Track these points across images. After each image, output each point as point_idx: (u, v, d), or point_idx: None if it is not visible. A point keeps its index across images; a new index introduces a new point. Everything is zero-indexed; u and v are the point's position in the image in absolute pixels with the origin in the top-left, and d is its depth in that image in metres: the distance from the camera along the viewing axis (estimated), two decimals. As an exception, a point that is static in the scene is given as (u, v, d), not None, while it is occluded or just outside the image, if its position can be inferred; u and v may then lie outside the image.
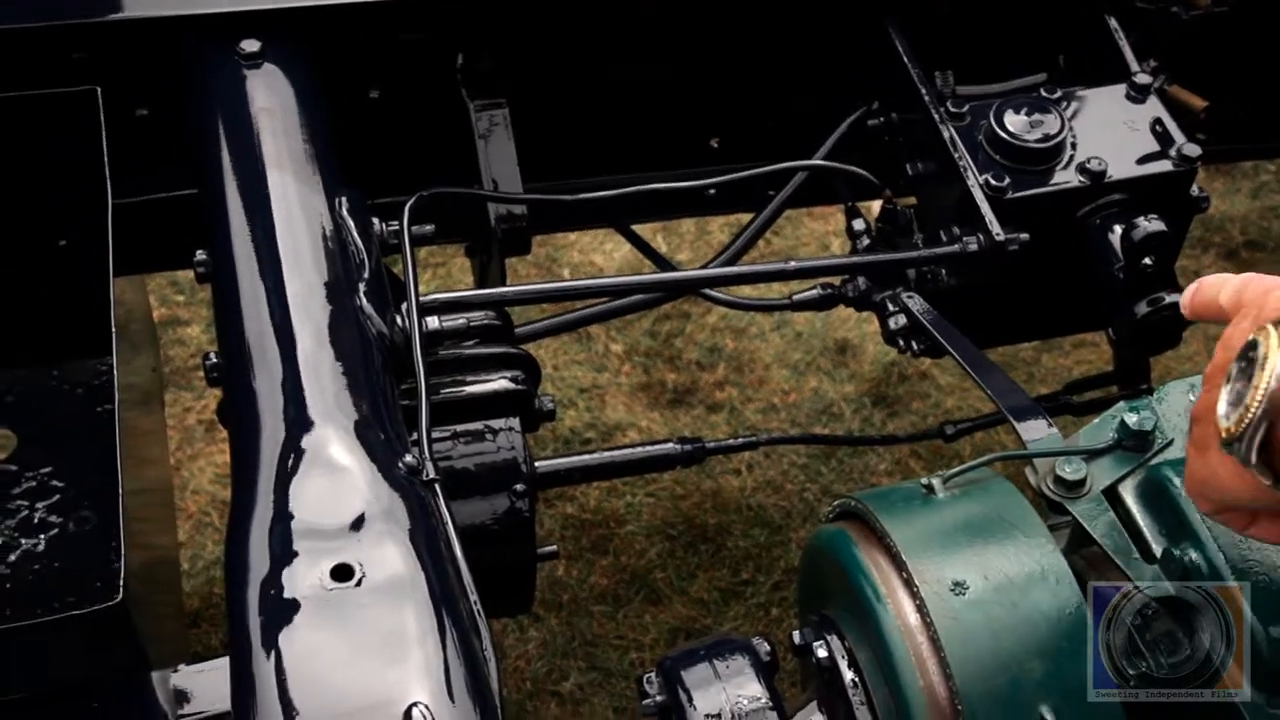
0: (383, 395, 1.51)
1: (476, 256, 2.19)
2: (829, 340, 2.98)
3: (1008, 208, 1.80)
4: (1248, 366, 0.97)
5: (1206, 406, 1.05)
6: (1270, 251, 3.14)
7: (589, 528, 2.66)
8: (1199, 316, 1.16)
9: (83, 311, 1.90)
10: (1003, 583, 1.35)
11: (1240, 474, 1.00)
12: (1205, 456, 1.06)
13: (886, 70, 1.97)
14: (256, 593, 1.30)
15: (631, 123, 2.13)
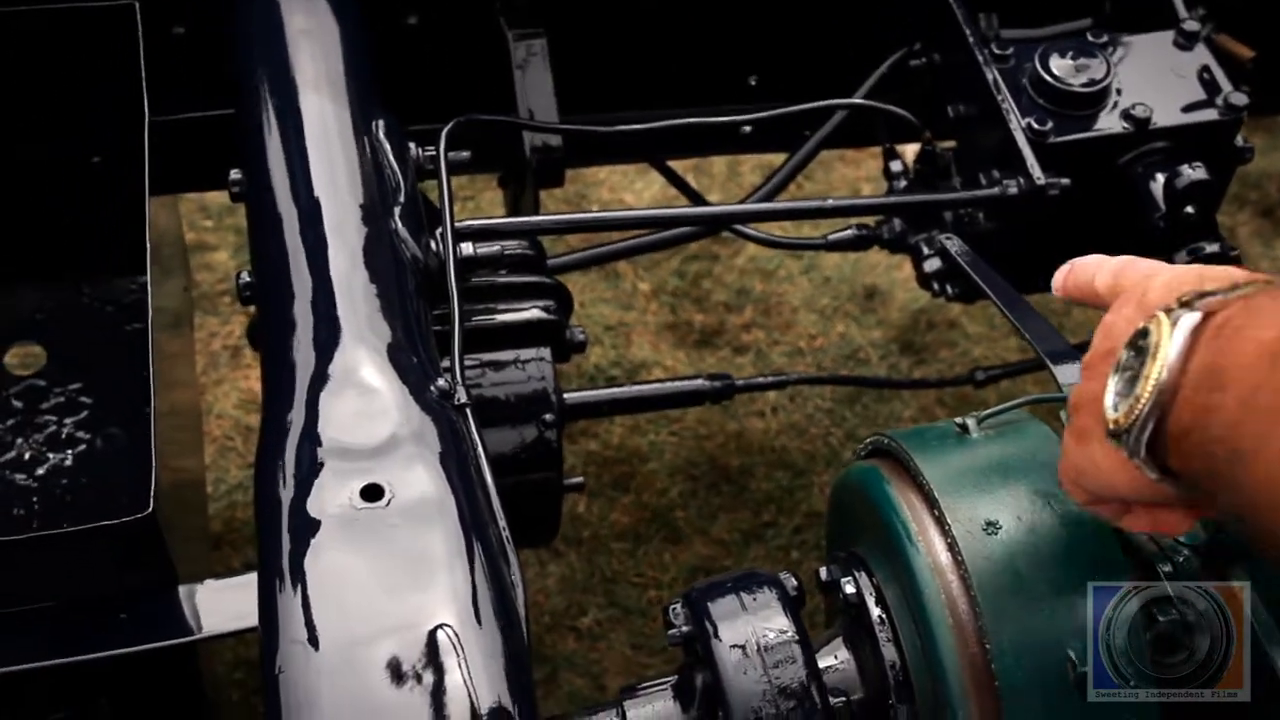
0: (415, 319, 1.51)
1: (509, 187, 2.18)
2: (858, 285, 2.96)
3: (1050, 152, 1.78)
4: (1137, 355, 0.92)
5: (1088, 395, 1.00)
6: (1306, 211, 3.12)
7: (611, 464, 2.66)
8: (1072, 298, 1.13)
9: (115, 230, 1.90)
10: (1036, 524, 1.34)
11: (1123, 466, 0.94)
12: (1086, 447, 1.00)
13: (931, 11, 1.94)
14: (285, 511, 1.30)
15: (669, 58, 2.11)
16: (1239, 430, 0.81)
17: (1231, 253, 1.82)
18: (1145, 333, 0.92)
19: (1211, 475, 0.85)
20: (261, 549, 1.31)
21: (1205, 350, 0.86)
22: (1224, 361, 0.84)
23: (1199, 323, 0.87)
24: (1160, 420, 0.89)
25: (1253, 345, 0.83)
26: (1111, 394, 0.94)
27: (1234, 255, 1.82)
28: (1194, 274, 0.97)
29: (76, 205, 1.91)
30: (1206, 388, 0.85)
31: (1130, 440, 0.91)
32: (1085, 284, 1.10)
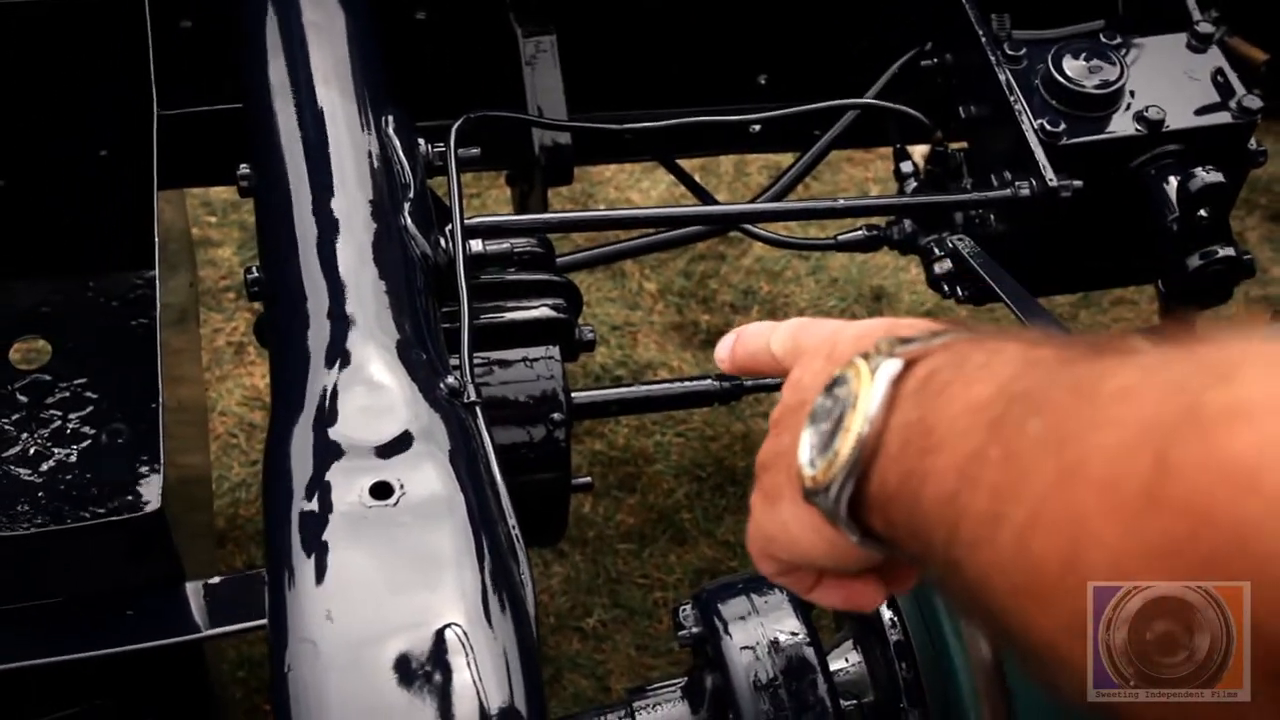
0: (424, 316, 1.50)
1: (517, 185, 2.17)
2: (864, 287, 2.96)
3: (1062, 154, 1.77)
4: (834, 406, 0.80)
5: (774, 452, 0.87)
6: (1314, 216, 3.11)
7: (617, 465, 2.65)
8: (743, 370, 1.00)
9: (121, 224, 1.89)
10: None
11: (818, 529, 0.82)
12: (775, 509, 0.86)
13: (942, 11, 1.94)
14: (294, 508, 1.29)
15: (678, 56, 2.10)
16: (958, 507, 0.70)
17: (1244, 256, 1.81)
18: (842, 379, 0.80)
19: (925, 547, 0.74)
20: (270, 546, 1.30)
21: (910, 405, 0.75)
22: (933, 419, 0.73)
23: (900, 371, 0.77)
24: (863, 478, 0.78)
25: (962, 404, 0.72)
26: (807, 448, 0.81)
27: (1247, 259, 1.81)
28: (884, 324, 0.85)
29: (83, 199, 1.90)
30: (916, 449, 0.74)
31: (829, 500, 0.79)
32: (758, 351, 0.96)
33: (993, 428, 0.68)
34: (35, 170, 1.85)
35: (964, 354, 0.75)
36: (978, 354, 0.74)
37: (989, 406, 0.70)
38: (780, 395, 0.89)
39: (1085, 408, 0.64)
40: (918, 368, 0.76)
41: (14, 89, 1.76)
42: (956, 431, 0.71)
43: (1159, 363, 0.64)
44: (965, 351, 0.75)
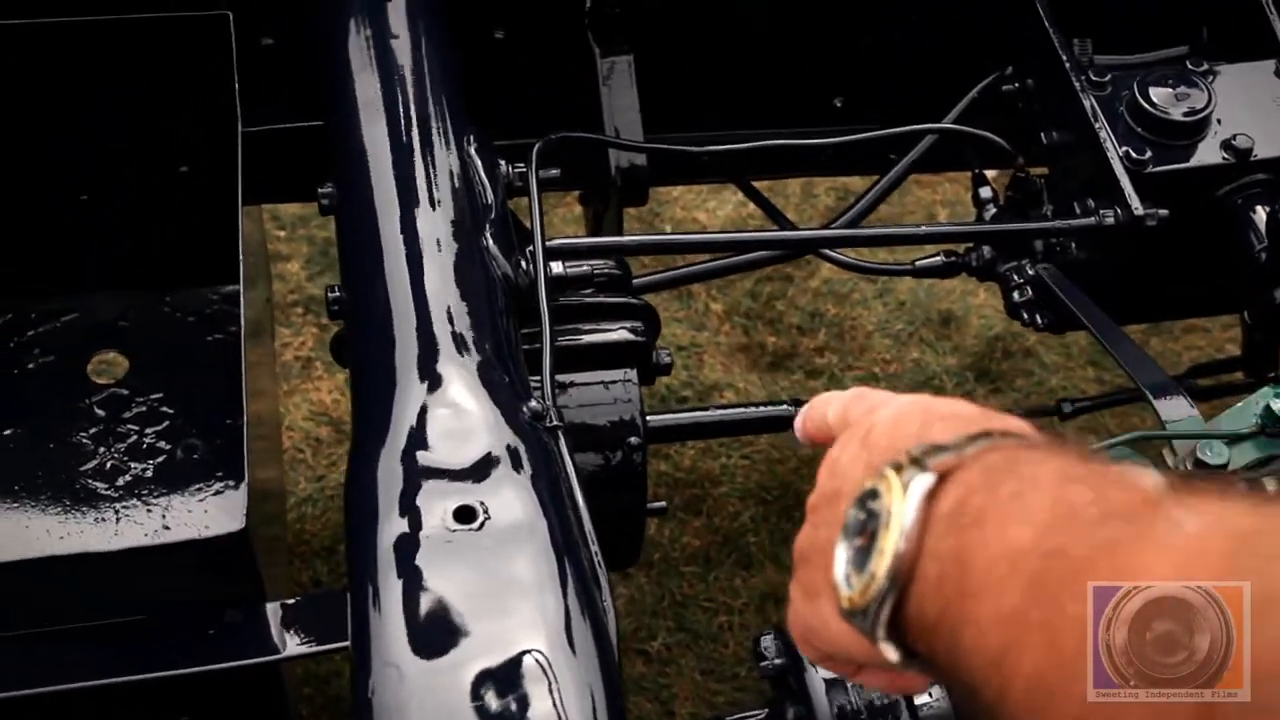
0: (506, 338, 1.49)
1: (590, 205, 2.16)
2: (932, 311, 2.93)
3: (1147, 182, 1.75)
4: (868, 521, 0.78)
5: (812, 545, 0.86)
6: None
7: (682, 487, 2.64)
8: (814, 441, 0.98)
9: (201, 239, 1.90)
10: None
11: (859, 637, 0.80)
12: (814, 604, 0.85)
13: (1025, 36, 1.92)
14: (378, 530, 1.29)
15: (755, 77, 2.09)
16: (1004, 673, 0.70)
17: (1334, 291, 1.78)
18: (874, 493, 0.78)
19: (972, 693, 0.72)
20: (353, 568, 1.30)
21: (944, 529, 0.74)
22: (968, 556, 0.72)
23: (933, 487, 0.75)
24: (901, 599, 0.76)
25: (998, 548, 0.71)
26: (842, 565, 0.80)
27: (1336, 294, 1.78)
28: (919, 411, 0.84)
29: (162, 214, 1.91)
30: (954, 587, 0.72)
31: (867, 623, 0.78)
32: (820, 421, 0.96)
33: (1031, 588, 0.69)
34: (118, 183, 1.86)
35: (998, 476, 0.74)
36: (1010, 480, 0.73)
37: (1026, 557, 0.69)
38: None
39: None
40: (950, 485, 0.75)
41: (99, 105, 1.77)
42: (994, 579, 0.70)
43: (1194, 545, 0.68)
44: (999, 472, 0.74)
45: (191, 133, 1.79)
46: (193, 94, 1.75)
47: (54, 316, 1.94)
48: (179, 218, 1.90)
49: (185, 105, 1.77)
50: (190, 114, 1.77)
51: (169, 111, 1.79)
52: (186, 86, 1.75)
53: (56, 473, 1.79)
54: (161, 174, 1.86)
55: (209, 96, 1.69)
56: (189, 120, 1.78)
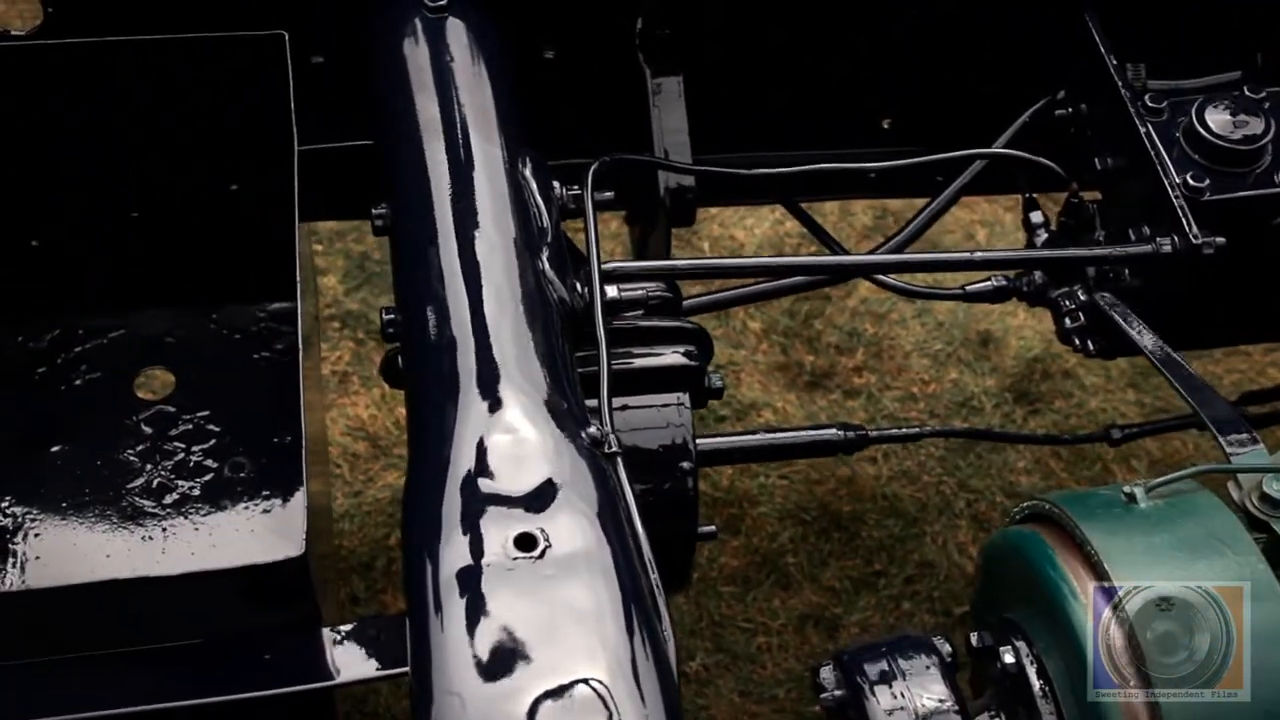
0: (564, 362, 1.48)
1: (637, 225, 2.15)
2: (970, 331, 2.92)
3: (1204, 210, 1.74)
4: None
5: None
6: None
7: (721, 507, 2.63)
8: None
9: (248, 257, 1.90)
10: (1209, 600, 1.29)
11: None
12: None
13: (1079, 60, 1.91)
14: (438, 557, 1.28)
15: (804, 99, 2.08)
16: None
17: (1391, 320, 1.77)
18: None
19: None
20: (411, 595, 1.29)
21: None
22: None
23: None
24: None
25: None
26: None
27: (1393, 322, 1.77)
28: None
29: (212, 232, 1.90)
30: None
31: None
32: None
33: None
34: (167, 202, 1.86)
35: None
36: None
37: None
38: None
39: None
40: None
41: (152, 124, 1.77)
42: None
43: None
44: None
45: (245, 151, 1.79)
46: (247, 113, 1.74)
47: (101, 333, 1.94)
48: (228, 235, 1.90)
49: (239, 124, 1.77)
50: (244, 133, 1.77)
51: (222, 130, 1.79)
52: (241, 105, 1.74)
53: (104, 490, 1.79)
54: (212, 192, 1.85)
55: (263, 115, 1.68)
56: (242, 139, 1.78)
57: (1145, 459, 2.71)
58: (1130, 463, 2.70)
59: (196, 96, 1.75)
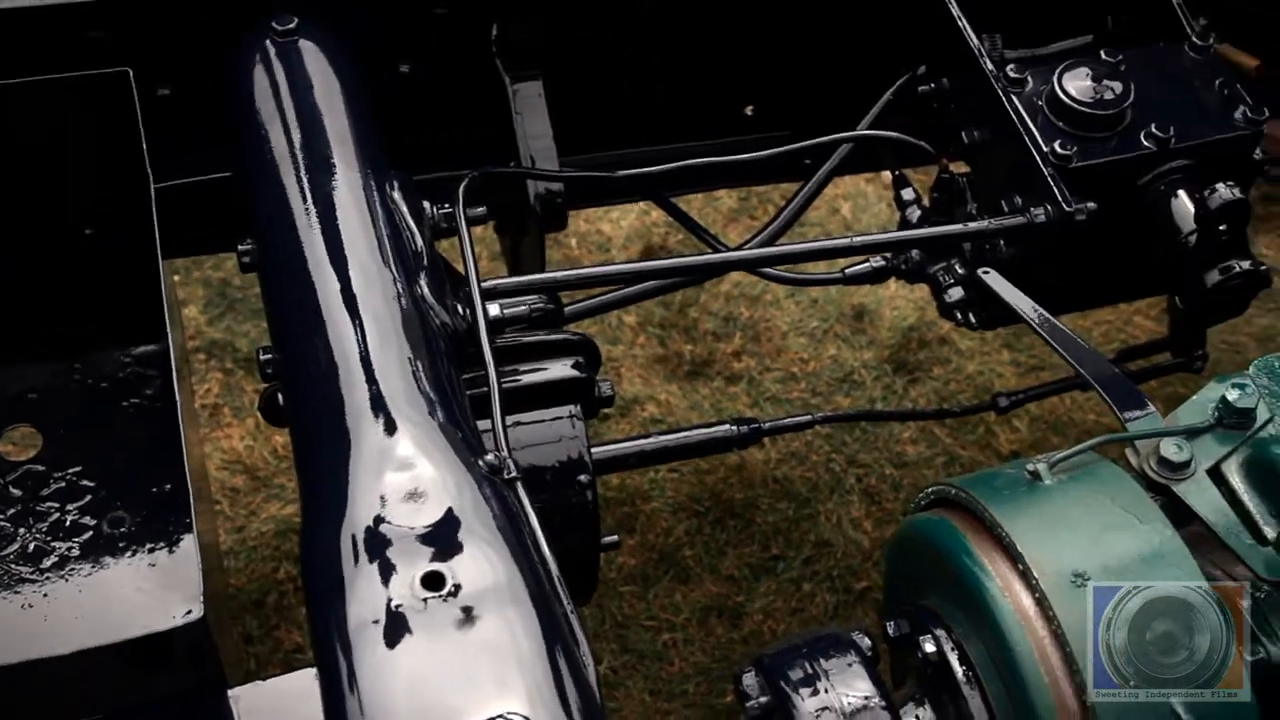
0: (452, 387, 1.44)
1: (507, 233, 2.11)
2: (845, 307, 2.92)
3: (1074, 176, 1.75)
4: None
5: None
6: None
7: (614, 506, 2.60)
8: None
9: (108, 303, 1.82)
10: (1123, 570, 1.30)
11: None
12: None
13: (939, 34, 1.90)
14: (344, 607, 1.23)
15: (665, 92, 2.06)
16: None
17: (1261, 268, 1.79)
18: None
19: None
20: (320, 649, 1.24)
21: None
22: None
23: None
24: None
25: None
26: None
27: (1264, 270, 1.80)
28: None
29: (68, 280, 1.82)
30: None
31: None
32: None
33: None
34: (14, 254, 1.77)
35: None
36: None
37: None
38: None
39: None
40: None
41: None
42: None
43: None
44: None
45: (98, 194, 1.71)
46: (95, 155, 1.67)
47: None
48: (87, 281, 1.82)
49: (89, 167, 1.69)
50: (96, 175, 1.69)
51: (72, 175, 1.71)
52: (89, 147, 1.67)
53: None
54: (66, 238, 1.77)
55: (113, 156, 1.61)
56: (94, 182, 1.70)
57: (1026, 417, 2.74)
58: (1013, 422, 2.72)
59: (40, 141, 1.67)
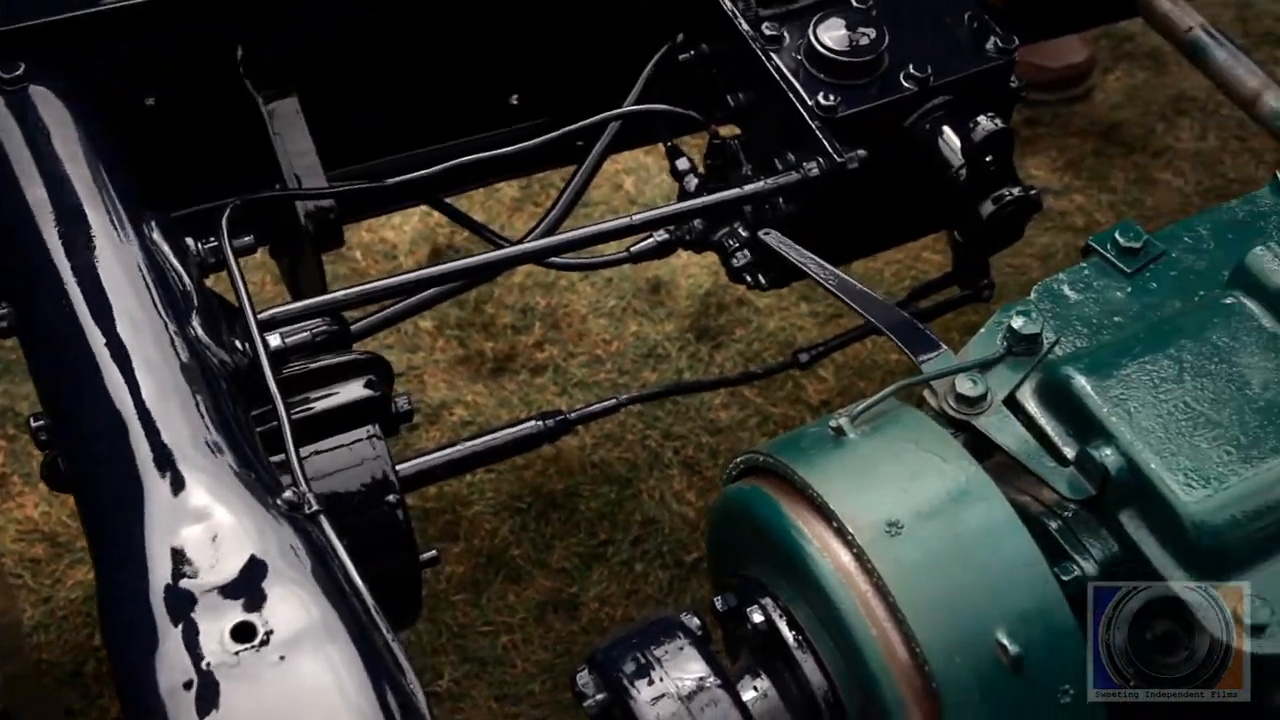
0: (240, 427, 1.39)
1: (284, 257, 2.05)
2: (640, 281, 2.91)
3: (840, 126, 1.76)
4: None
5: None
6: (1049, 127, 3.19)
7: (434, 516, 2.56)
8: None
9: None
10: (935, 512, 1.31)
11: None
12: None
13: (690, 1, 1.89)
14: (152, 672, 1.17)
15: (426, 92, 2.01)
16: None
17: (1032, 192, 1.83)
18: None
19: None
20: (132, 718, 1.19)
21: None
22: None
23: None
24: None
25: None
26: None
27: (1034, 195, 1.83)
28: None
29: None
30: None
31: None
32: None
33: None
34: None
35: None
36: None
37: None
38: None
39: None
40: None
41: None
42: None
43: None
44: None
45: None
46: None
47: None
48: None
49: None
50: None
51: None
52: None
53: None
54: None
55: None
56: None
57: (831, 366, 2.77)
58: (819, 373, 2.75)
59: None
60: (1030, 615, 1.28)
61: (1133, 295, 1.54)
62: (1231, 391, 1.40)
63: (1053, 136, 3.19)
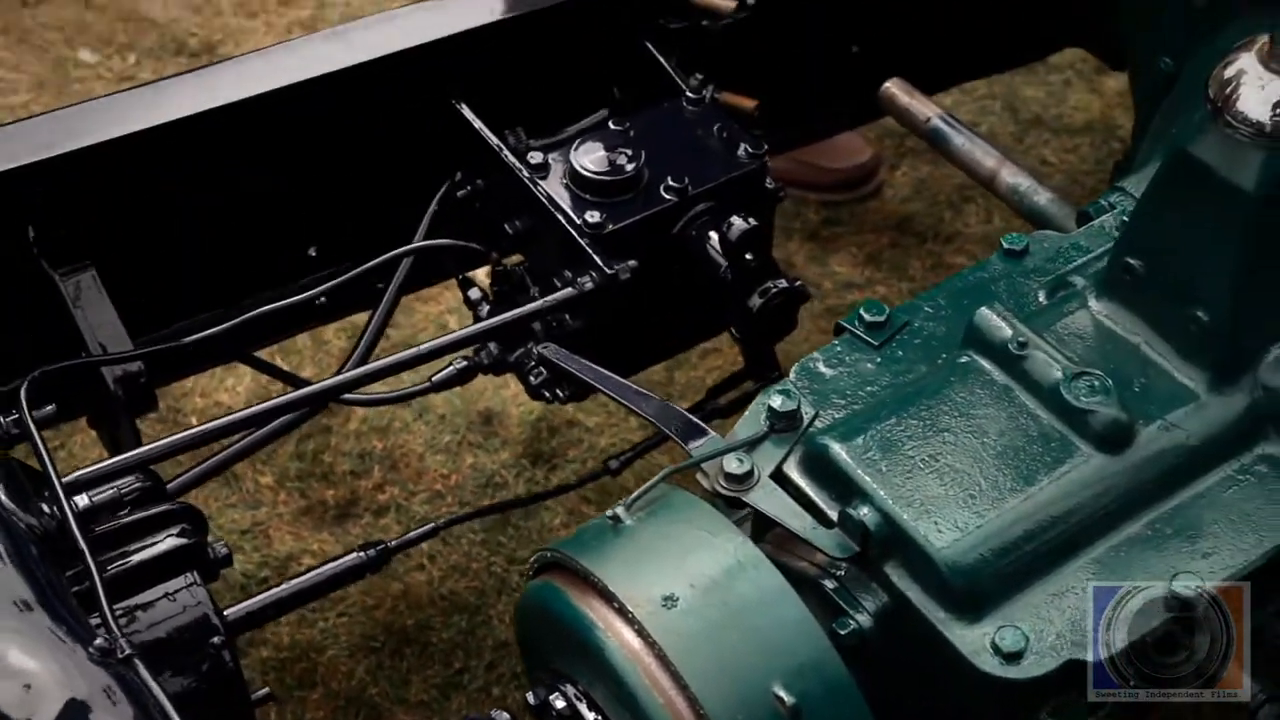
0: (51, 589, 1.45)
1: (103, 427, 2.11)
2: (472, 414, 3.00)
3: (609, 241, 1.88)
4: None
5: None
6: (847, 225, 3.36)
7: (289, 665, 2.59)
8: None
9: None
10: (708, 584, 1.41)
11: None
12: None
13: (463, 142, 2.02)
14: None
15: (224, 253, 2.10)
16: None
17: (796, 284, 1.96)
18: None
19: None
20: None
21: None
22: None
23: None
24: None
25: None
26: None
27: (798, 285, 1.96)
28: None
29: None
30: None
31: None
32: None
33: None
34: None
35: None
36: None
37: None
38: None
39: None
40: None
41: None
42: None
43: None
44: None
45: None
46: None
47: None
48: None
49: None
50: None
51: None
52: None
53: None
54: None
55: None
56: None
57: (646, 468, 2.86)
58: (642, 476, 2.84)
59: None
60: (805, 669, 1.38)
61: (882, 365, 1.66)
62: (971, 442, 1.53)
63: (851, 234, 3.36)
